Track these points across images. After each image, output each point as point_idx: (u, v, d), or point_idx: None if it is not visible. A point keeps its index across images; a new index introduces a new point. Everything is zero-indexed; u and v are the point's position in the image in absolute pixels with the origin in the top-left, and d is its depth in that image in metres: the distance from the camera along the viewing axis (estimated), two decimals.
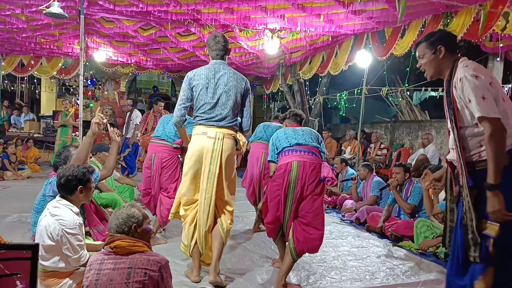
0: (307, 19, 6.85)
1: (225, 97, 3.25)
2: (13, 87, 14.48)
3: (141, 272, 2.01)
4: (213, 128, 3.24)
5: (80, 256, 2.65)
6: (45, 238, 2.63)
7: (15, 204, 5.69)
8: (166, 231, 4.74)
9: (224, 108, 3.25)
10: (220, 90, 3.26)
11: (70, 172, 2.73)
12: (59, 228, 2.60)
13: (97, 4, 6.88)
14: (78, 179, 2.74)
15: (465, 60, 2.38)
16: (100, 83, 14.24)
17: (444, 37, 2.47)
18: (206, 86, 3.26)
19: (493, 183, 2.09)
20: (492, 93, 2.19)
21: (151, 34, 8.61)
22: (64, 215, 2.65)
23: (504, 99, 2.24)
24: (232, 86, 3.29)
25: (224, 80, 3.28)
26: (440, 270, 3.78)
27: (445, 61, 2.42)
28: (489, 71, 2.37)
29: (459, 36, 5.45)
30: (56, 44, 9.71)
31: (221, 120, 3.24)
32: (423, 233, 4.46)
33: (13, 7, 7.02)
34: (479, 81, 2.19)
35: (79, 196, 2.76)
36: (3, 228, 4.56)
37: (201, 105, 3.27)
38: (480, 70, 2.26)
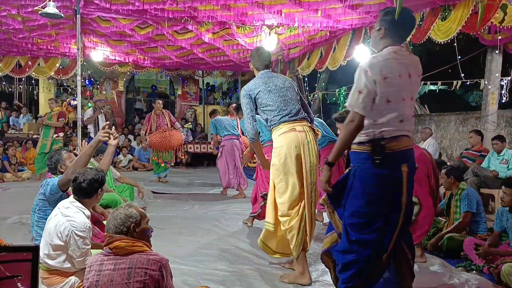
0: (305, 14, 6.82)
1: (289, 94, 3.35)
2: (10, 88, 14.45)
3: (142, 271, 2.00)
4: (296, 122, 3.28)
5: (85, 260, 2.67)
6: (54, 237, 2.66)
7: (15, 205, 5.68)
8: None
9: (294, 103, 3.34)
10: (283, 88, 3.36)
11: (92, 176, 2.79)
12: (69, 229, 2.63)
13: (93, 3, 6.84)
14: (100, 182, 2.83)
15: (386, 50, 2.43)
16: (98, 82, 14.21)
17: (391, 21, 2.47)
18: (269, 89, 3.33)
19: (329, 161, 2.47)
20: (373, 91, 2.32)
21: (148, 33, 8.58)
22: (76, 217, 2.68)
23: (391, 100, 2.35)
24: (289, 84, 3.41)
25: (280, 81, 3.40)
26: (442, 263, 3.77)
27: (380, 42, 2.50)
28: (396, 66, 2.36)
29: (458, 29, 5.44)
30: (53, 45, 9.67)
31: (298, 114, 3.31)
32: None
33: (9, 7, 6.98)
34: (365, 76, 2.33)
35: (96, 198, 2.85)
36: (3, 230, 4.56)
37: (274, 107, 3.29)
38: (374, 66, 2.34)
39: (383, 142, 2.35)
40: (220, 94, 16.60)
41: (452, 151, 8.55)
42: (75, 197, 2.81)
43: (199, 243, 4.34)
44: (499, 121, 7.59)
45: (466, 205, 4.16)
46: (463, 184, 4.40)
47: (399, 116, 2.38)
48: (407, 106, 2.43)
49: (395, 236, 2.41)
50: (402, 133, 2.40)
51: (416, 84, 2.51)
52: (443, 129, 8.85)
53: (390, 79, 2.35)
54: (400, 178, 2.36)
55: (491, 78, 7.50)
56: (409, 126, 2.46)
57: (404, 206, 2.39)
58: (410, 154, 2.45)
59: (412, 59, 2.50)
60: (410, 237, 2.60)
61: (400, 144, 2.37)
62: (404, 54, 2.46)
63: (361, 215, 2.42)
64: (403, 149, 2.38)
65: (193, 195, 7.19)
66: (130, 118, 15.19)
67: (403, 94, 2.40)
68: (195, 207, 6.20)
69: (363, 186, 2.41)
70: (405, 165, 2.37)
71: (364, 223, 2.41)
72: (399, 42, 2.49)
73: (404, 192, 2.38)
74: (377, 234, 2.39)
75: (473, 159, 6.29)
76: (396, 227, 2.39)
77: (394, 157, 2.36)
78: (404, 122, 2.40)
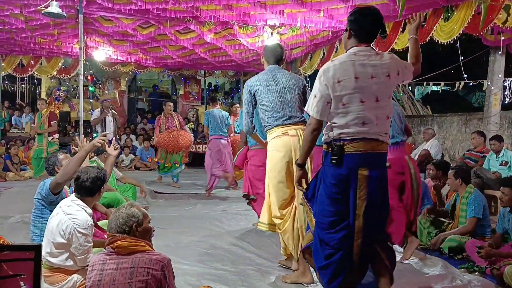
0: (307, 14, 6.82)
1: (289, 96, 3.32)
2: (13, 88, 14.49)
3: (144, 271, 2.00)
4: (290, 126, 3.27)
5: (87, 257, 2.68)
6: (56, 236, 2.68)
7: (18, 204, 5.69)
8: None
9: (292, 106, 3.31)
10: (283, 89, 3.32)
11: (94, 174, 2.82)
12: (71, 227, 2.65)
13: (96, 3, 6.85)
14: (103, 180, 2.86)
15: (348, 52, 2.46)
16: (100, 82, 14.22)
17: (355, 20, 2.46)
18: (268, 88, 3.32)
19: (298, 162, 2.68)
20: (326, 95, 2.41)
21: (150, 32, 8.58)
22: (78, 215, 2.71)
23: (345, 104, 2.38)
24: (292, 84, 3.36)
25: (284, 80, 3.36)
26: (444, 264, 3.75)
27: (348, 43, 2.52)
28: (352, 69, 2.37)
29: (460, 30, 5.43)
30: (56, 44, 9.68)
31: (293, 117, 3.29)
32: (426, 229, 4.44)
33: (12, 7, 7.00)
34: (319, 81, 2.43)
35: (98, 196, 2.88)
36: (6, 229, 4.56)
37: (271, 107, 3.29)
38: (328, 71, 2.41)
39: (340, 143, 2.39)
40: (222, 94, 16.61)
41: (455, 152, 8.54)
42: (77, 196, 2.82)
43: (201, 243, 4.34)
44: (502, 122, 7.56)
45: (472, 211, 4.07)
46: (470, 187, 4.28)
47: (357, 119, 2.38)
48: (369, 109, 2.38)
49: (359, 239, 2.41)
50: (365, 136, 2.38)
51: (384, 84, 2.42)
52: (446, 130, 8.83)
53: (344, 82, 2.37)
54: (355, 180, 2.37)
55: (494, 79, 7.48)
56: (376, 129, 2.40)
57: (362, 210, 2.38)
58: (374, 157, 2.41)
59: (378, 59, 2.43)
60: (385, 242, 2.56)
61: (359, 147, 2.37)
62: (366, 55, 2.42)
63: (326, 214, 2.48)
64: (363, 152, 2.37)
65: (195, 195, 7.19)
66: (132, 117, 15.20)
67: (361, 96, 2.37)
68: (197, 207, 6.20)
69: (325, 184, 2.49)
70: (364, 169, 2.37)
71: (330, 222, 2.45)
72: (365, 42, 2.45)
73: (360, 195, 2.37)
74: (343, 235, 2.42)
75: (476, 160, 6.27)
76: (351, 229, 2.41)
77: (352, 159, 2.37)
78: (368, 125, 2.38)
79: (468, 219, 4.11)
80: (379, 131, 2.42)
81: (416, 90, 10.78)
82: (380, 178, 2.43)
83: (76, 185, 2.84)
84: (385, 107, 2.45)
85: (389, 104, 2.49)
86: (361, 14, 2.46)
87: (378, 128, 2.41)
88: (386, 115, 2.46)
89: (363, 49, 2.43)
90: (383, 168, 2.47)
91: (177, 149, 8.01)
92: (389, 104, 2.50)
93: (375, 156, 2.41)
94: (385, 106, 2.45)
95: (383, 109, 2.43)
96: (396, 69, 2.46)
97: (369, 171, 2.37)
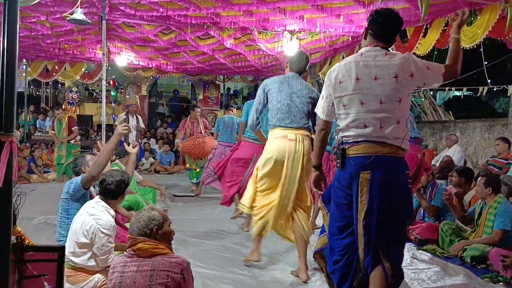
0: (327, 19, 6.80)
1: (298, 102, 3.41)
2: (38, 92, 14.87)
3: (164, 274, 2.02)
4: (291, 130, 3.37)
5: (108, 258, 2.74)
6: (79, 236, 2.74)
7: (41, 206, 5.81)
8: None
9: (299, 112, 3.40)
10: (294, 94, 3.42)
11: (119, 178, 2.89)
12: (95, 227, 2.71)
13: (119, 10, 6.99)
14: (126, 183, 2.94)
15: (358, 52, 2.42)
16: (122, 87, 14.48)
17: (372, 20, 2.41)
18: (280, 89, 3.44)
19: (313, 164, 2.69)
20: (329, 96, 2.44)
21: (171, 38, 8.70)
22: (101, 215, 2.77)
23: (345, 105, 2.36)
24: (304, 93, 3.45)
25: (298, 86, 3.47)
26: (466, 274, 3.66)
27: (364, 42, 2.47)
28: (354, 70, 2.32)
29: (484, 34, 5.32)
30: (79, 50, 9.93)
31: (297, 122, 3.39)
32: (448, 236, 4.35)
33: (38, 14, 7.20)
34: (325, 81, 2.48)
35: (121, 200, 2.96)
36: (30, 230, 4.65)
37: (278, 107, 3.42)
38: (332, 71, 2.43)
39: (343, 146, 2.37)
40: (240, 99, 16.68)
41: (478, 158, 8.34)
42: (101, 197, 2.89)
43: (219, 247, 4.35)
44: None
45: (501, 223, 3.92)
46: (500, 196, 4.11)
47: (357, 121, 2.31)
48: (370, 111, 2.29)
49: (362, 246, 2.32)
50: (367, 139, 2.29)
51: (389, 86, 2.28)
52: (468, 136, 8.64)
53: (344, 82, 2.34)
54: (357, 185, 2.29)
55: None
56: (380, 133, 2.28)
57: (362, 215, 2.29)
58: (379, 160, 2.28)
59: (386, 59, 2.31)
60: (387, 246, 2.34)
61: (360, 150, 2.30)
62: (373, 55, 2.33)
63: (334, 219, 2.45)
64: (364, 155, 2.29)
65: (214, 199, 7.20)
66: (153, 122, 15.40)
67: (361, 98, 2.30)
68: (216, 211, 6.21)
69: (333, 188, 2.48)
70: (366, 172, 2.27)
71: (338, 227, 2.41)
72: (381, 42, 2.38)
73: (361, 199, 2.29)
74: (349, 241, 2.36)
75: (500, 167, 6.11)
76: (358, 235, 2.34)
77: (354, 162, 2.31)
78: (370, 128, 2.28)
79: (494, 231, 3.96)
80: (386, 135, 2.28)
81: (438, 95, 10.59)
82: (387, 182, 2.27)
83: (101, 188, 2.91)
84: (393, 110, 2.30)
85: (398, 107, 2.31)
86: (378, 14, 2.41)
87: (382, 133, 2.28)
88: (395, 119, 2.30)
89: (371, 49, 2.36)
90: (392, 173, 2.30)
91: (202, 155, 7.91)
92: (398, 107, 2.31)
93: (380, 159, 2.28)
94: (393, 110, 2.30)
95: (389, 112, 2.29)
96: (408, 70, 2.29)
97: (372, 174, 2.26)
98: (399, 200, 2.32)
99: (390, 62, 2.30)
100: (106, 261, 2.73)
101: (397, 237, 2.37)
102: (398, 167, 2.33)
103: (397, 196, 2.31)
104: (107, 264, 2.70)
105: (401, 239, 2.45)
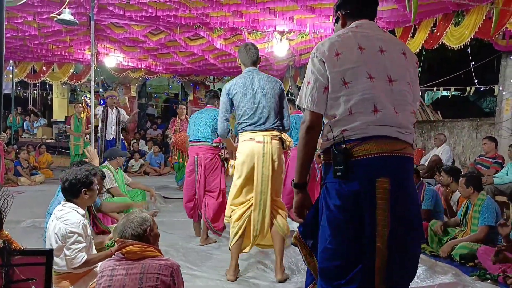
0: (316, 20, 6.84)
1: (264, 101, 3.35)
2: (25, 94, 14.71)
3: (153, 277, 2.01)
4: (259, 132, 3.34)
5: (75, 257, 2.63)
6: (52, 241, 2.68)
7: (29, 209, 5.75)
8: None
9: (266, 112, 3.35)
10: (259, 94, 3.36)
11: (73, 176, 2.78)
12: (64, 228, 2.65)
13: (107, 10, 6.95)
14: (82, 182, 2.79)
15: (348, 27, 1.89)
16: (110, 88, 14.38)
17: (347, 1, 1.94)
18: (245, 92, 3.38)
19: (295, 182, 1.86)
20: (322, 76, 1.78)
21: (160, 39, 8.67)
22: (69, 216, 2.71)
23: (347, 82, 1.75)
24: (268, 89, 3.39)
25: (261, 84, 3.40)
26: (455, 272, 3.69)
27: (336, 28, 2.01)
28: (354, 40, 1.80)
29: (471, 35, 5.39)
30: (67, 51, 9.84)
31: (265, 123, 3.35)
32: (437, 235, 4.39)
33: (25, 14, 7.13)
34: (311, 62, 1.84)
35: (83, 198, 2.82)
36: (17, 233, 4.60)
37: (243, 111, 3.37)
38: (322, 45, 1.82)
39: (345, 146, 1.70)
40: None
41: (466, 157, 8.44)
42: (66, 199, 2.82)
43: (210, 249, 4.34)
44: None
45: (485, 219, 4.00)
46: (483, 194, 4.22)
47: (365, 101, 1.71)
48: (381, 89, 1.73)
49: (382, 286, 1.69)
50: (379, 132, 1.69)
51: (398, 62, 1.82)
52: (456, 135, 8.74)
53: (345, 54, 1.76)
54: (372, 198, 1.66)
55: (505, 84, 7.42)
56: (394, 120, 1.72)
57: (385, 241, 1.66)
58: (398, 163, 1.73)
59: (388, 36, 1.92)
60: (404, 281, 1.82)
61: (373, 148, 1.68)
62: (371, 28, 1.87)
63: (330, 255, 1.73)
64: (379, 155, 1.68)
65: None
66: (142, 123, 15.32)
67: (368, 70, 1.74)
68: None
69: (328, 210, 1.74)
70: (385, 179, 1.67)
71: (336, 267, 1.71)
72: (367, 18, 1.91)
73: (380, 219, 1.66)
74: (357, 271, 1.68)
75: (487, 166, 6.20)
76: (372, 275, 1.67)
77: (365, 167, 1.68)
78: (382, 113, 1.70)
79: (480, 227, 4.04)
80: (399, 124, 1.74)
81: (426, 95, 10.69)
82: (409, 194, 1.75)
83: (61, 187, 2.86)
84: (404, 93, 1.79)
85: (409, 91, 1.82)
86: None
87: (397, 121, 1.73)
88: (408, 105, 1.80)
89: (365, 22, 1.88)
90: (411, 181, 1.80)
91: None
92: (410, 92, 1.83)
93: (398, 160, 1.72)
94: (404, 92, 1.79)
95: (401, 95, 1.78)
96: (412, 56, 1.91)
97: (392, 183, 1.66)
98: (415, 214, 1.81)
99: (392, 38, 1.93)
100: (72, 261, 2.63)
101: (414, 269, 1.85)
102: (411, 171, 1.86)
103: (414, 209, 1.80)
104: (74, 265, 2.62)
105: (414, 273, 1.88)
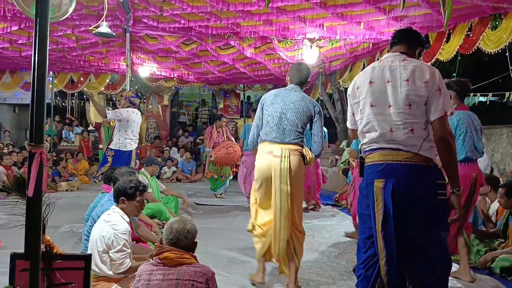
0: (347, 27, 6.78)
1: (290, 113, 3.22)
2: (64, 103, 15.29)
3: (189, 283, 2.04)
4: (277, 145, 3.19)
5: (122, 263, 2.76)
6: (98, 244, 2.79)
7: (67, 214, 5.93)
8: None
9: (288, 125, 3.20)
10: (287, 106, 3.24)
11: (118, 184, 2.98)
12: (111, 232, 2.77)
13: (142, 22, 7.16)
14: (123, 192, 2.93)
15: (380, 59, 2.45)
16: (144, 97, 14.74)
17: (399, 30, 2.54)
18: (273, 101, 3.30)
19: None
20: (350, 105, 2.48)
21: (192, 49, 8.84)
22: (117, 221, 2.84)
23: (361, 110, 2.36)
24: (300, 106, 3.25)
25: (293, 98, 3.27)
26: (496, 285, 3.56)
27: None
28: (369, 74, 2.34)
29: (509, 38, 5.20)
30: (104, 61, 10.19)
31: (286, 137, 3.20)
32: (475, 246, 4.23)
33: (65, 28, 7.44)
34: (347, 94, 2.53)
35: (123, 207, 2.93)
36: (56, 238, 4.67)
37: (267, 121, 3.28)
38: (353, 81, 2.47)
39: (362, 155, 2.40)
40: None
41: (505, 166, 8.12)
42: (116, 205, 2.97)
43: (241, 256, 4.34)
44: None
45: None
46: None
47: (368, 124, 2.32)
48: (378, 114, 2.26)
49: (384, 259, 2.18)
50: (380, 146, 2.26)
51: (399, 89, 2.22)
52: (495, 142, 8.43)
53: (361, 88, 2.36)
54: (372, 193, 2.25)
55: None
56: (389, 137, 2.22)
57: (379, 225, 2.18)
58: (390, 169, 2.21)
59: (403, 64, 2.26)
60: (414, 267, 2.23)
61: (375, 157, 2.29)
62: (391, 60, 2.33)
63: (360, 231, 2.42)
64: (378, 163, 2.26)
65: (235, 207, 7.21)
66: (174, 131, 15.60)
67: (371, 100, 2.30)
68: (237, 219, 6.21)
69: (358, 199, 2.49)
70: (380, 180, 2.21)
71: (362, 240, 2.37)
72: (405, 48, 2.38)
73: (377, 209, 2.20)
74: (369, 254, 2.29)
75: None
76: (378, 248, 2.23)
77: (369, 171, 2.31)
78: (379, 133, 2.25)
79: None
80: (400, 141, 2.20)
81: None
82: (402, 191, 2.16)
83: (117, 189, 3.02)
84: (402, 115, 2.21)
85: (408, 112, 2.20)
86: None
87: (393, 137, 2.22)
88: (408, 125, 2.20)
89: (391, 54, 2.39)
90: (410, 182, 2.18)
91: (231, 163, 7.98)
92: (409, 113, 2.20)
93: (394, 166, 2.20)
94: (402, 114, 2.21)
95: (398, 116, 2.21)
96: (423, 77, 2.19)
97: (386, 182, 2.19)
98: (422, 212, 2.17)
99: (404, 65, 2.26)
100: (119, 267, 2.75)
101: (424, 252, 2.19)
102: (418, 176, 2.18)
103: (419, 208, 2.17)
104: (120, 270, 2.73)
105: (433, 257, 2.20)
